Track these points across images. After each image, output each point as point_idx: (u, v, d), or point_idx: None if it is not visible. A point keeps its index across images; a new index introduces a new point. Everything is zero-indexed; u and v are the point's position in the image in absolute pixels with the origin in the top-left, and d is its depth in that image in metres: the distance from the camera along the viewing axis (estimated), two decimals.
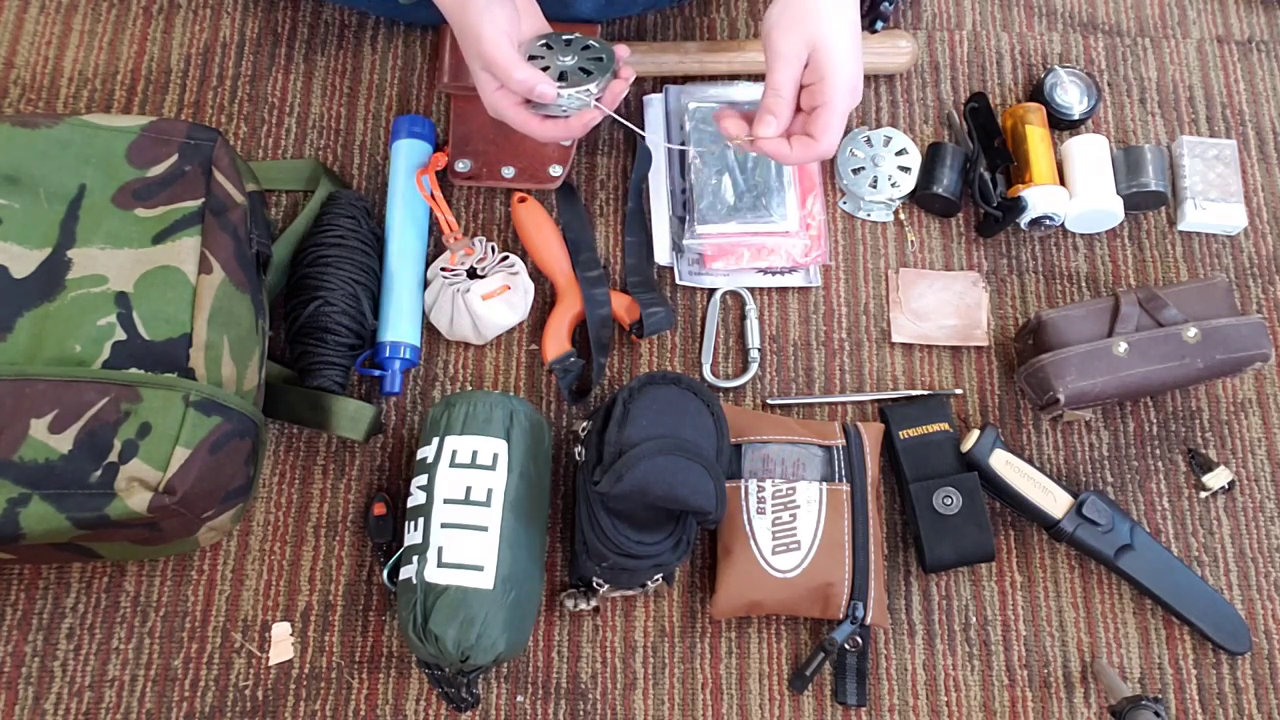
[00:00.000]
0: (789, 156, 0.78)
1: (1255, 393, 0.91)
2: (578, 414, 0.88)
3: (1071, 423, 0.89)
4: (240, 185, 0.81)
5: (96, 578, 0.82)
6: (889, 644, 0.83)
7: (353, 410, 0.83)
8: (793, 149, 0.78)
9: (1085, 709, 0.82)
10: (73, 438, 0.68)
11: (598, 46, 0.80)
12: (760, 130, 0.77)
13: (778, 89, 0.77)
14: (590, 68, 0.79)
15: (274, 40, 0.98)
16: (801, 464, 0.82)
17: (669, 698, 0.81)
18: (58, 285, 0.72)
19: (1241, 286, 0.95)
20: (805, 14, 0.76)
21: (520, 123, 0.79)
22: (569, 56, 0.79)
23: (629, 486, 0.72)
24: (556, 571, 0.83)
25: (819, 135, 0.76)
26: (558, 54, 0.79)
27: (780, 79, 0.77)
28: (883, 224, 0.95)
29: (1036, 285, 0.94)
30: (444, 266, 0.88)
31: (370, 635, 0.81)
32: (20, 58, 0.96)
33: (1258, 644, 0.84)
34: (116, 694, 0.79)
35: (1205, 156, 0.96)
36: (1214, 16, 1.04)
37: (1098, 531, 0.82)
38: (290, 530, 0.84)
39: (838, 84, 0.76)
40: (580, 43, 0.80)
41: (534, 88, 0.76)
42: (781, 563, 0.79)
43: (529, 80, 0.76)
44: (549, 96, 0.77)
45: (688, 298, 0.92)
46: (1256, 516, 0.88)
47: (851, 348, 0.91)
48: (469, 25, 0.76)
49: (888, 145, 0.96)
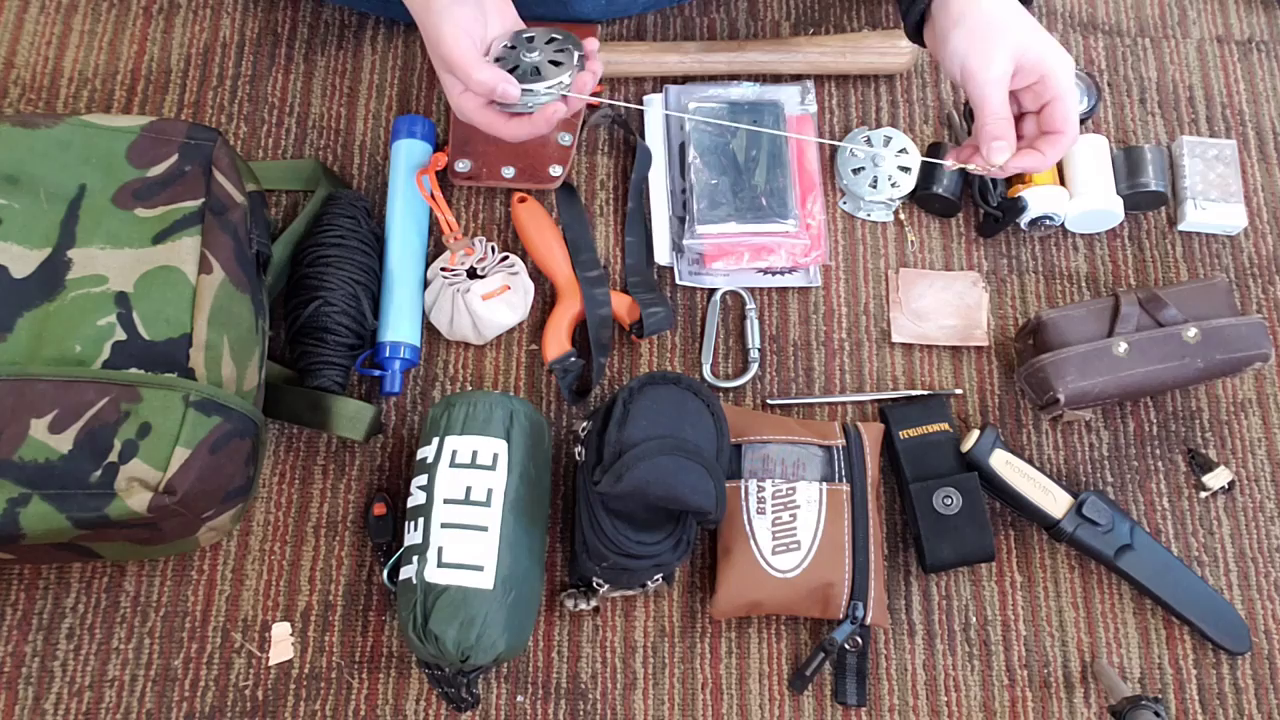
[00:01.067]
0: (1044, 161, 0.78)
1: (1255, 393, 0.91)
2: (578, 414, 0.88)
3: (1071, 423, 0.89)
4: (240, 185, 0.81)
5: (96, 578, 0.82)
6: (889, 644, 0.83)
7: (353, 410, 0.83)
8: (1045, 152, 0.77)
9: (1085, 709, 0.82)
10: (73, 438, 0.68)
11: (562, 39, 0.78)
12: (996, 159, 0.77)
13: (997, 112, 0.76)
14: (559, 60, 0.77)
15: (274, 40, 0.98)
16: (801, 464, 0.82)
17: (669, 698, 0.81)
18: (58, 285, 0.72)
19: (1241, 286, 0.95)
20: (991, 30, 0.76)
21: (486, 124, 0.77)
22: (534, 53, 0.77)
23: (629, 486, 0.72)
24: (556, 571, 0.83)
25: (1064, 128, 0.77)
26: (522, 51, 0.77)
27: (996, 103, 0.76)
28: (883, 224, 0.95)
29: (1036, 285, 0.94)
30: (444, 266, 0.88)
31: (370, 635, 0.81)
32: (20, 58, 0.96)
33: (1258, 644, 0.84)
34: (116, 694, 0.79)
35: (1205, 156, 0.96)
36: (1214, 16, 1.04)
37: (1098, 531, 0.82)
38: (290, 530, 0.84)
39: (1061, 77, 0.76)
40: (545, 36, 0.79)
41: (495, 88, 0.74)
42: (781, 563, 0.79)
43: (489, 80, 0.74)
44: (511, 96, 0.75)
45: (688, 298, 0.92)
46: (1256, 516, 0.88)
47: (851, 348, 0.91)
48: (430, 26, 0.75)
49: (888, 145, 0.96)
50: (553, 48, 0.78)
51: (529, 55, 0.77)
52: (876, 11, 1.02)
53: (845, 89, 1.00)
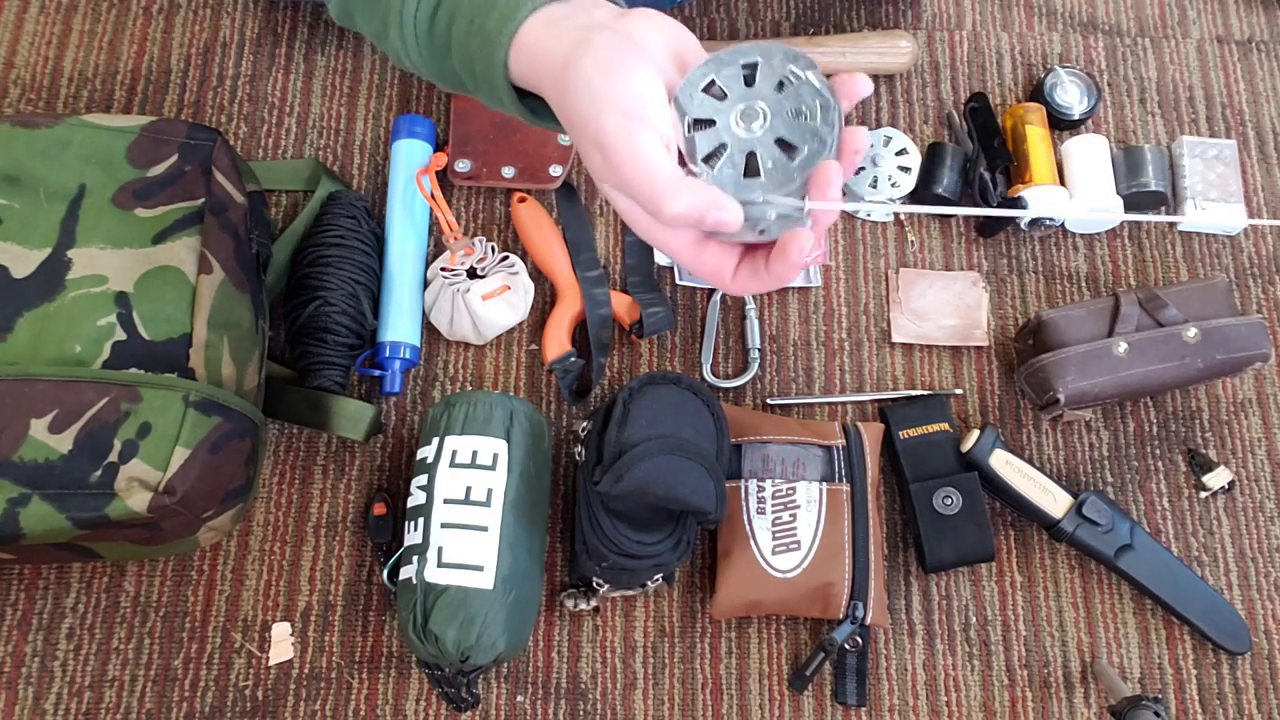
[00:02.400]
0: None
1: (1255, 393, 0.91)
2: (578, 414, 0.88)
3: (1071, 423, 0.89)
4: (240, 185, 0.81)
5: (96, 578, 0.82)
6: (889, 644, 0.83)
7: (353, 410, 0.83)
8: None
9: (1085, 709, 0.82)
10: (73, 438, 0.68)
11: (799, 75, 0.47)
12: None
13: None
14: (805, 116, 0.46)
15: (274, 40, 0.98)
16: (801, 464, 0.82)
17: (669, 698, 0.81)
18: (58, 285, 0.72)
19: (1241, 286, 0.95)
20: None
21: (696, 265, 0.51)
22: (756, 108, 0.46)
23: (629, 486, 0.72)
24: (556, 571, 0.83)
25: None
26: (735, 101, 0.47)
27: None
28: (883, 224, 0.95)
29: (1036, 285, 0.94)
30: (444, 266, 0.88)
31: (370, 635, 0.81)
32: (20, 58, 0.96)
33: (1258, 644, 0.84)
34: (116, 694, 0.79)
35: (1205, 156, 0.96)
36: (1214, 16, 1.04)
37: (1098, 531, 0.82)
38: (290, 530, 0.84)
39: None
40: (769, 68, 0.47)
41: (705, 216, 0.47)
42: (781, 563, 0.79)
43: (692, 209, 0.47)
44: (728, 225, 0.47)
45: (688, 298, 0.92)
46: (1256, 516, 0.88)
47: (851, 348, 0.91)
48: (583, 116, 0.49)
49: (888, 145, 0.96)
50: (790, 99, 0.47)
51: (744, 120, 0.47)
52: (876, 11, 1.02)
53: None
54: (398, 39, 0.59)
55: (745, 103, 0.47)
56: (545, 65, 0.51)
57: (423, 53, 0.59)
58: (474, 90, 0.58)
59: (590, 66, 0.48)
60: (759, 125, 0.47)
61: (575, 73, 0.49)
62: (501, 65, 0.53)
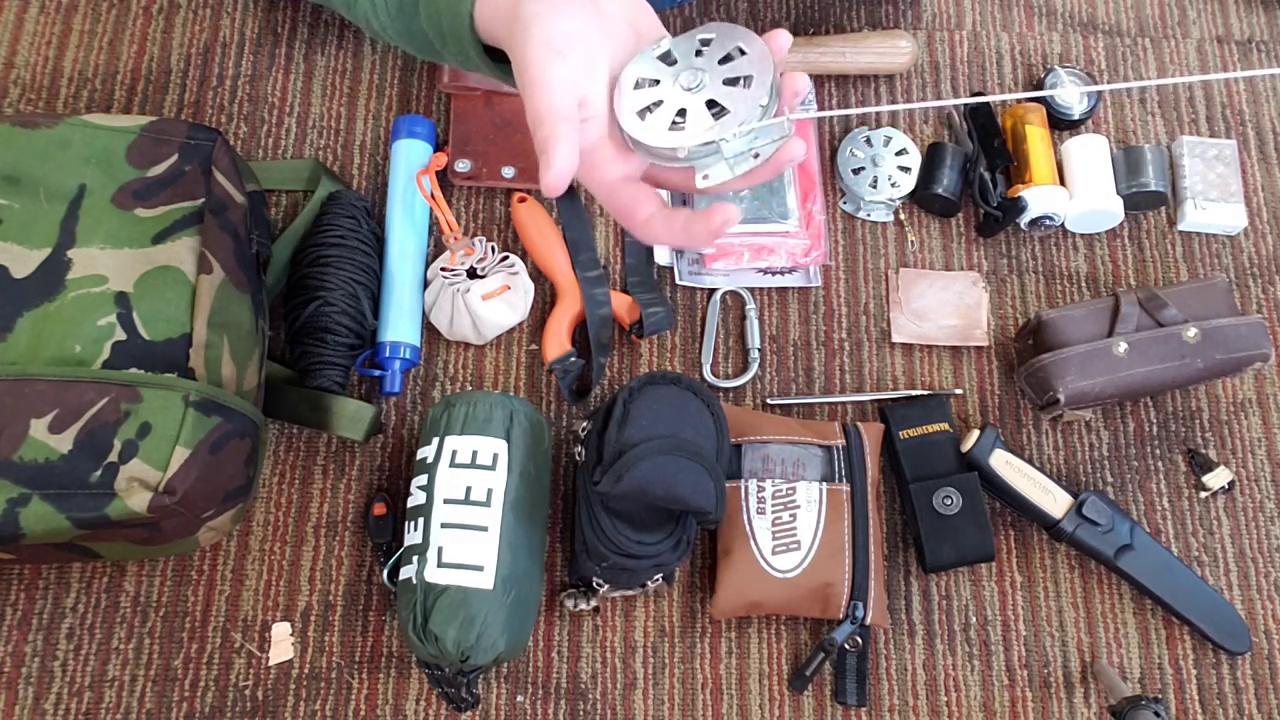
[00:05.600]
0: None
1: (1255, 393, 0.91)
2: (578, 414, 0.88)
3: (1071, 423, 0.89)
4: (240, 185, 0.81)
5: (96, 578, 0.82)
6: (889, 644, 0.83)
7: (353, 410, 0.83)
8: None
9: (1085, 709, 0.82)
10: (73, 438, 0.68)
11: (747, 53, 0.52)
12: None
13: None
14: (737, 76, 0.53)
15: (274, 40, 0.98)
16: (801, 464, 0.82)
17: (669, 698, 0.81)
18: (58, 285, 0.72)
19: (1241, 286, 0.95)
20: None
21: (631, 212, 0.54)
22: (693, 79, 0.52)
23: (629, 486, 0.72)
24: (556, 571, 0.83)
25: None
26: (679, 71, 0.53)
27: None
28: (883, 224, 0.95)
29: (1036, 285, 0.94)
30: (444, 266, 0.88)
31: (370, 635, 0.81)
32: (20, 58, 0.96)
33: (1258, 644, 0.84)
34: (116, 694, 0.79)
35: (1205, 156, 0.96)
36: (1214, 16, 1.04)
37: (1098, 531, 0.82)
38: (290, 530, 0.84)
39: None
40: (691, 45, 0.53)
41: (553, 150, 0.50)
42: (781, 563, 0.79)
43: (555, 138, 0.50)
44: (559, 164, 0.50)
45: (688, 298, 0.92)
46: (1256, 516, 0.88)
47: (851, 348, 0.91)
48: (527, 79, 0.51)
49: (888, 145, 0.96)
50: (730, 70, 0.53)
51: (687, 84, 0.53)
52: (876, 11, 1.02)
53: (845, 89, 1.00)
54: (367, 1, 0.59)
55: (690, 70, 0.54)
56: (504, 11, 0.52)
57: (391, 12, 0.60)
58: (442, 49, 0.59)
59: (535, 4, 0.50)
60: (697, 87, 0.53)
61: (521, 10, 0.51)
62: (467, 16, 0.54)
